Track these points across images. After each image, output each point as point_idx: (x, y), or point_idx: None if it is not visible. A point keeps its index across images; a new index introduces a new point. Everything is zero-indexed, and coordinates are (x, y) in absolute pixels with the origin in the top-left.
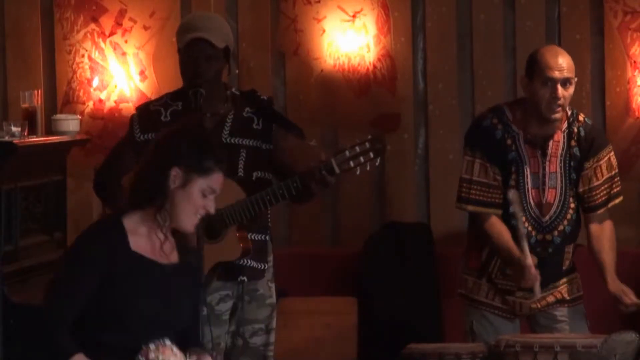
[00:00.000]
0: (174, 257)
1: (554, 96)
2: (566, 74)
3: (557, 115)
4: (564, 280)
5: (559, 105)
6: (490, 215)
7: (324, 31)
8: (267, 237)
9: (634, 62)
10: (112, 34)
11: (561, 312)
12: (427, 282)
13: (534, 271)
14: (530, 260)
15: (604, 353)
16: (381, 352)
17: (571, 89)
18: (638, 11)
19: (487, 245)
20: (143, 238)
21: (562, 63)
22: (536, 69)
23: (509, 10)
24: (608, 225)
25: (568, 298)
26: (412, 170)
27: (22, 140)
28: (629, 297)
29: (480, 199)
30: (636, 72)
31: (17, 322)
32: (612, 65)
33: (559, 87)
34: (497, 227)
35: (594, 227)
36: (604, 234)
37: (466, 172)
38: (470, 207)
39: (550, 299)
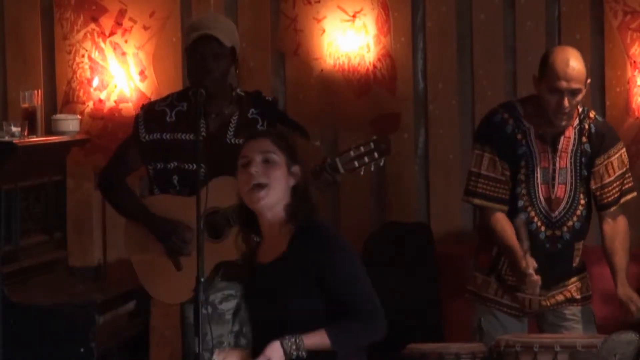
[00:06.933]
0: (271, 256)
1: (560, 106)
2: (574, 85)
3: (563, 124)
4: (574, 279)
5: (565, 114)
6: (495, 211)
7: (324, 31)
8: None
9: (634, 62)
10: (112, 34)
11: (570, 311)
12: (427, 282)
13: (534, 278)
14: (531, 268)
15: (604, 353)
16: (381, 352)
17: (580, 96)
18: (638, 11)
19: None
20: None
21: (571, 73)
22: (546, 74)
23: (509, 10)
24: (621, 223)
25: (578, 297)
26: (412, 170)
27: (22, 140)
28: (637, 305)
29: (487, 193)
30: (636, 72)
31: (17, 322)
32: (612, 65)
33: (566, 98)
34: (501, 224)
35: (607, 227)
36: (616, 235)
37: (475, 166)
38: (477, 201)
39: (560, 297)
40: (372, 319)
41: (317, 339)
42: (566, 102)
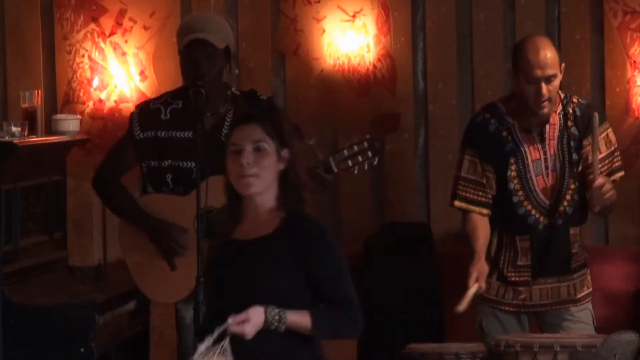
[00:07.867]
0: (253, 235)
1: (539, 94)
2: (549, 72)
3: (545, 110)
4: (577, 275)
5: (545, 101)
6: (473, 214)
7: (324, 31)
8: None
9: (634, 62)
10: (112, 34)
11: (569, 312)
12: (427, 282)
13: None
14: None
15: (604, 353)
16: (381, 352)
17: (556, 81)
18: (638, 11)
19: (494, 241)
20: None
21: (543, 59)
22: (519, 66)
23: (509, 10)
24: None
25: (578, 297)
26: (412, 170)
27: (22, 140)
28: (600, 182)
29: (466, 195)
30: (636, 72)
31: (17, 322)
32: (612, 65)
33: (543, 85)
34: (472, 224)
35: None
36: None
37: (457, 170)
38: (457, 203)
39: (563, 290)
40: (353, 313)
41: (300, 318)
42: (544, 90)
